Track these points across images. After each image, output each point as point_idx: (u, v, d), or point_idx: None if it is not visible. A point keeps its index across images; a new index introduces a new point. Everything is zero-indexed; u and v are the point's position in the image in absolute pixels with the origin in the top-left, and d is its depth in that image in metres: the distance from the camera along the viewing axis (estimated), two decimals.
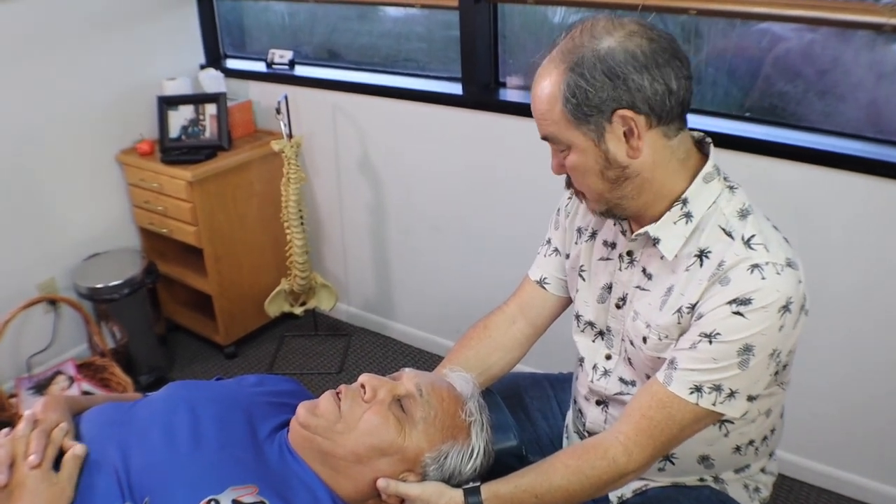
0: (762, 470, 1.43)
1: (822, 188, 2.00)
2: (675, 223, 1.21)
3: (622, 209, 1.23)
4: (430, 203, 2.84)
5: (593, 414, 1.45)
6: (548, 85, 1.14)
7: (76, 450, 1.14)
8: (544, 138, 1.20)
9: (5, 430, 1.17)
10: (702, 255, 1.19)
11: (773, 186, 2.04)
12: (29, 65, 2.66)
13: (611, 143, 1.14)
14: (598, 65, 1.10)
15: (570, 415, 1.58)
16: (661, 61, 1.10)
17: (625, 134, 1.13)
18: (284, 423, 1.26)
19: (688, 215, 1.20)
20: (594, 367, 1.42)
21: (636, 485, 1.43)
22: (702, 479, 1.39)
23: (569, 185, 1.27)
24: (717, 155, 1.24)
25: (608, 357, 1.40)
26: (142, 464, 1.12)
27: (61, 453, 1.14)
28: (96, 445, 1.17)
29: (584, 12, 2.42)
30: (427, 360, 3.04)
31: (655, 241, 1.23)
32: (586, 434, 1.47)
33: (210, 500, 1.06)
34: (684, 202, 1.20)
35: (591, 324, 1.42)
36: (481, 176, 2.65)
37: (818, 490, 2.33)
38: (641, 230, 1.24)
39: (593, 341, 1.43)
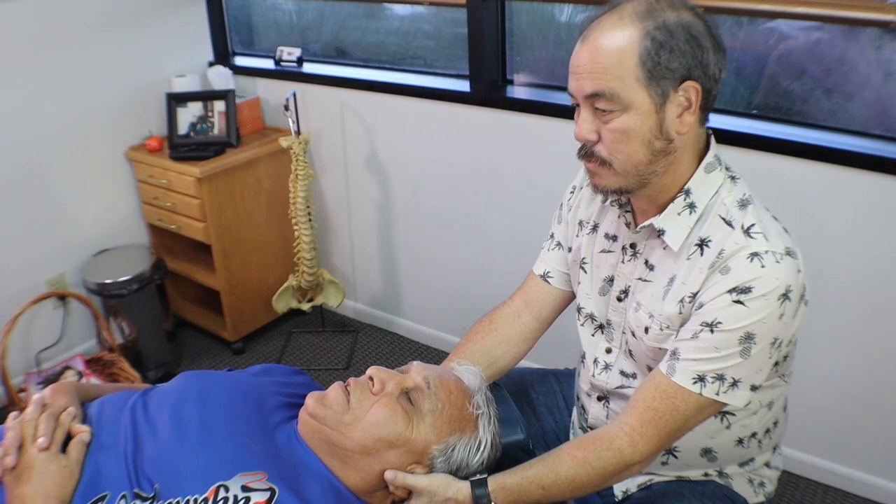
0: (766, 464, 1.44)
1: (828, 184, 2.00)
2: (679, 214, 1.22)
3: (644, 185, 1.20)
4: (437, 200, 2.85)
5: (595, 410, 1.46)
6: (620, 38, 1.10)
7: (83, 436, 1.16)
8: (592, 95, 1.13)
9: (14, 413, 1.19)
10: (702, 244, 1.20)
11: (779, 183, 2.04)
12: (39, 63, 2.68)
13: (668, 113, 1.14)
14: (682, 30, 1.10)
15: (575, 411, 1.59)
16: (721, 48, 1.14)
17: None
18: (294, 414, 1.27)
19: (691, 206, 1.21)
20: (595, 361, 1.43)
21: (641, 480, 1.44)
22: (706, 474, 1.40)
23: (587, 155, 1.21)
24: (724, 151, 1.25)
25: (608, 351, 1.41)
26: (152, 451, 1.14)
27: (69, 437, 1.16)
28: (107, 431, 1.19)
29: (592, 11, 2.43)
30: (434, 357, 3.05)
31: (660, 233, 1.23)
32: (589, 430, 1.47)
33: (219, 486, 1.07)
34: (687, 193, 1.21)
35: (591, 316, 1.43)
36: (488, 173, 2.65)
37: (824, 487, 2.34)
38: (646, 222, 1.25)
39: (593, 335, 1.44)
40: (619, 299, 1.36)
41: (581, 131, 1.18)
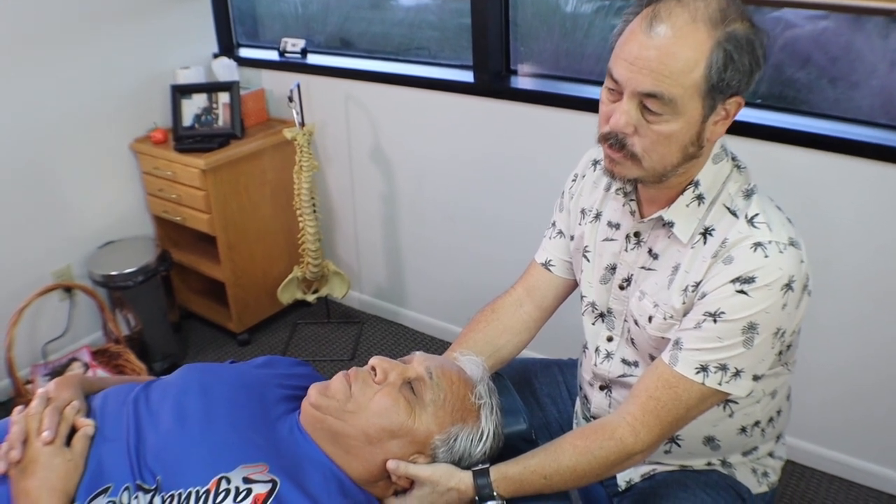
0: (770, 454, 1.44)
1: (833, 174, 2.00)
2: (687, 206, 1.22)
3: (661, 180, 1.19)
4: (441, 190, 2.85)
5: (597, 399, 1.46)
6: (692, 46, 1.06)
7: (87, 429, 1.17)
8: (647, 94, 1.08)
9: (19, 407, 1.20)
10: (706, 232, 1.20)
11: (784, 172, 2.04)
12: (44, 55, 2.67)
13: (710, 123, 1.13)
14: (746, 47, 1.07)
15: (578, 401, 1.59)
16: (765, 61, 1.12)
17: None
18: (296, 406, 1.27)
19: (699, 197, 1.21)
20: (596, 350, 1.43)
21: (644, 469, 1.44)
22: (709, 463, 1.40)
23: (615, 145, 1.15)
24: (728, 141, 1.25)
25: (609, 339, 1.41)
26: (154, 443, 1.15)
27: (73, 431, 1.17)
28: (110, 424, 1.19)
29: (597, 1, 2.43)
30: (438, 348, 3.05)
31: (669, 225, 1.23)
32: (592, 420, 1.47)
33: (221, 478, 1.08)
34: (696, 185, 1.21)
35: (592, 305, 1.42)
36: (492, 163, 2.65)
37: (829, 477, 2.33)
38: (654, 214, 1.25)
39: (593, 324, 1.44)
40: (622, 287, 1.36)
41: (619, 122, 1.12)
